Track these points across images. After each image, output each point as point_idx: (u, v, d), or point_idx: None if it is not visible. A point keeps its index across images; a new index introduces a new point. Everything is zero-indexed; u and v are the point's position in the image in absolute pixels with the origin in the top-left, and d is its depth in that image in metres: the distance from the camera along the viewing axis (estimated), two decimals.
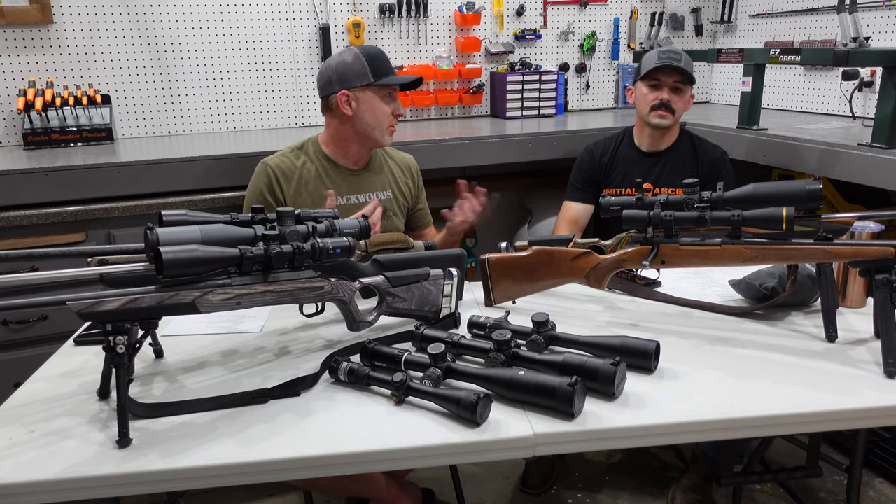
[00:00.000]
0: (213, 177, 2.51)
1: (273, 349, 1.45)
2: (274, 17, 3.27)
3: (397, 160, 2.23)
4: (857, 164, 2.35)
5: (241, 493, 2.38)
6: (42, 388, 1.31)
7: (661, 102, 2.37)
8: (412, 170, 2.26)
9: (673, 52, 2.37)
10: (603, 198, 1.54)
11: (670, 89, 2.37)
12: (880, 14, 3.01)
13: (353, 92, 1.99)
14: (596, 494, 2.36)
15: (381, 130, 2.04)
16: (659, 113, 2.38)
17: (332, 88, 2.00)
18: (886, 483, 2.38)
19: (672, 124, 2.41)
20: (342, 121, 2.03)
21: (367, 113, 2.01)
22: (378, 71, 1.99)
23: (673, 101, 2.37)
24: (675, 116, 2.39)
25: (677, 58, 2.35)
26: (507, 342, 1.26)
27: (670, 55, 2.36)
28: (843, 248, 1.33)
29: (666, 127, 2.41)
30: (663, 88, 2.38)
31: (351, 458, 1.09)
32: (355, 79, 1.98)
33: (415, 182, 2.25)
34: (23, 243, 2.31)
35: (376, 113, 2.01)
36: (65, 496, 1.04)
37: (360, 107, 2.00)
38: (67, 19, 2.96)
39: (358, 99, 2.00)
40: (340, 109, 2.00)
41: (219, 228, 1.21)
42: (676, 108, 2.38)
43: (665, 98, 2.37)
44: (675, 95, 2.37)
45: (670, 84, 2.37)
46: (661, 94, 2.38)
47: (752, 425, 1.18)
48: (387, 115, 2.03)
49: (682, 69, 2.34)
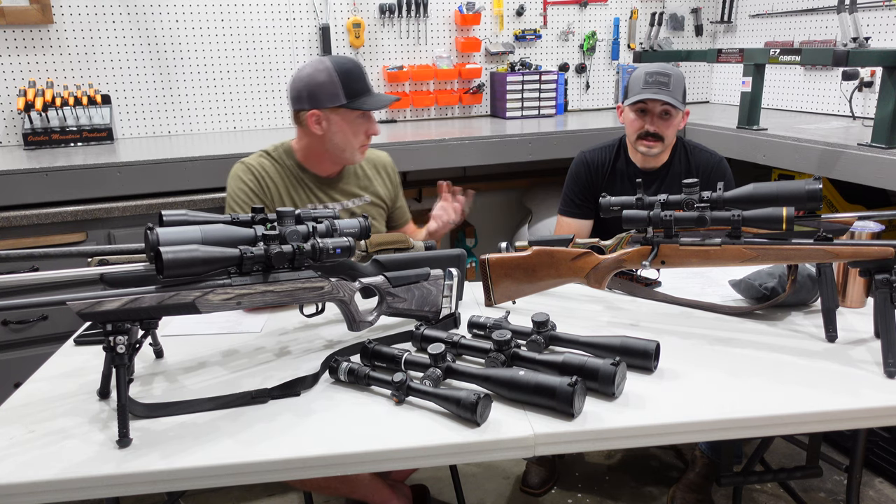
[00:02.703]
0: (213, 177, 2.50)
1: (273, 349, 1.45)
2: (274, 17, 3.27)
3: (369, 159, 2.11)
4: (857, 164, 2.35)
5: (241, 493, 2.38)
6: (42, 388, 1.31)
7: (647, 132, 2.17)
8: (387, 168, 2.15)
9: (661, 75, 2.14)
10: (603, 197, 1.54)
11: (657, 116, 2.16)
12: (880, 14, 3.01)
13: (324, 112, 1.86)
14: (596, 494, 2.36)
15: (352, 151, 1.93)
16: (646, 143, 2.18)
17: (302, 105, 1.88)
18: (886, 483, 2.38)
19: (661, 152, 2.22)
20: (312, 138, 1.92)
21: (338, 135, 1.89)
22: (352, 91, 1.85)
23: (660, 129, 2.16)
24: (665, 143, 2.19)
25: (665, 81, 2.13)
26: (507, 342, 1.26)
27: (658, 79, 2.14)
28: (843, 248, 1.33)
29: (654, 155, 2.22)
30: (650, 115, 2.16)
31: (351, 459, 1.09)
32: (326, 99, 1.85)
33: (391, 180, 2.16)
34: (23, 243, 2.31)
35: (347, 135, 1.90)
36: (65, 496, 1.05)
37: (331, 128, 1.88)
38: (67, 19, 2.97)
39: (329, 119, 1.87)
40: (310, 128, 1.89)
41: (219, 228, 1.21)
42: (665, 135, 2.17)
43: (651, 129, 2.16)
44: (662, 122, 2.16)
45: (657, 111, 2.15)
46: (646, 123, 2.16)
47: (752, 425, 1.18)
48: (359, 136, 1.92)
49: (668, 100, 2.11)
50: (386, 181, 2.15)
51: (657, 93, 2.12)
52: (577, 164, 2.39)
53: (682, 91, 2.18)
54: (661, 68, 2.18)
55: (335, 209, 2.00)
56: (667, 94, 2.13)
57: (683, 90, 2.19)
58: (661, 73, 2.16)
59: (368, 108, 1.89)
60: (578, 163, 2.38)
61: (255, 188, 1.93)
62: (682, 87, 2.18)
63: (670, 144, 2.24)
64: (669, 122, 2.17)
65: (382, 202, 2.13)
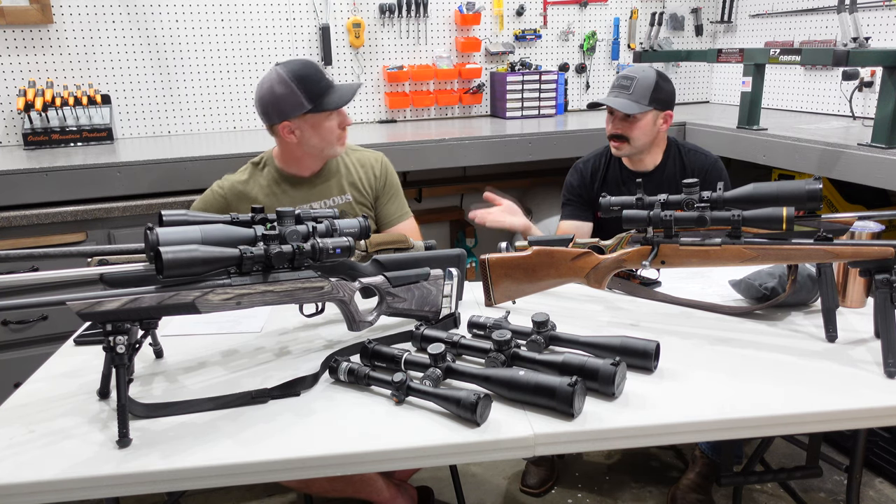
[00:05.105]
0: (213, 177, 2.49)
1: (273, 349, 1.45)
2: (274, 17, 3.27)
3: (355, 158, 2.13)
4: (857, 164, 2.35)
5: (241, 493, 2.38)
6: (42, 388, 1.31)
7: (612, 134, 2.25)
8: (375, 166, 2.13)
9: (625, 78, 2.22)
10: (603, 197, 1.54)
11: (619, 118, 2.22)
12: (880, 14, 3.01)
13: (294, 122, 1.90)
14: (596, 494, 2.36)
15: (331, 147, 1.97)
16: (613, 144, 2.26)
17: (272, 120, 1.92)
18: (886, 483, 2.38)
19: (632, 153, 2.26)
20: (289, 145, 1.96)
21: (313, 138, 1.93)
22: (313, 94, 1.88)
23: (624, 130, 2.21)
24: (633, 144, 2.23)
25: (626, 84, 2.20)
26: (507, 342, 1.26)
27: (620, 82, 2.23)
28: (843, 248, 1.33)
29: (625, 156, 2.29)
30: (614, 117, 2.23)
31: (351, 459, 1.09)
32: (291, 110, 1.88)
33: (377, 178, 2.13)
34: (23, 243, 2.31)
35: (321, 136, 1.93)
36: (65, 496, 1.05)
37: (304, 134, 1.92)
38: (67, 19, 2.97)
39: (300, 127, 1.91)
40: (285, 138, 1.94)
41: (219, 228, 1.21)
42: (631, 135, 2.21)
43: (616, 130, 2.23)
44: (625, 124, 2.21)
45: (619, 114, 2.21)
46: (609, 126, 2.25)
47: (752, 425, 1.18)
48: (333, 132, 1.95)
49: (613, 104, 2.18)
50: (370, 176, 2.12)
51: (616, 97, 2.22)
52: (571, 174, 2.44)
53: (648, 93, 2.18)
54: (629, 72, 2.25)
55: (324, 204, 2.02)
56: (625, 98, 2.20)
57: (651, 92, 2.19)
58: (625, 77, 2.24)
59: (335, 107, 1.91)
60: (572, 173, 2.44)
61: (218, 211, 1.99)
62: (647, 90, 2.19)
63: (643, 145, 2.25)
64: (633, 124, 2.21)
65: (366, 199, 2.12)
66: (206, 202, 2.05)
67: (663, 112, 2.24)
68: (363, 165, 2.12)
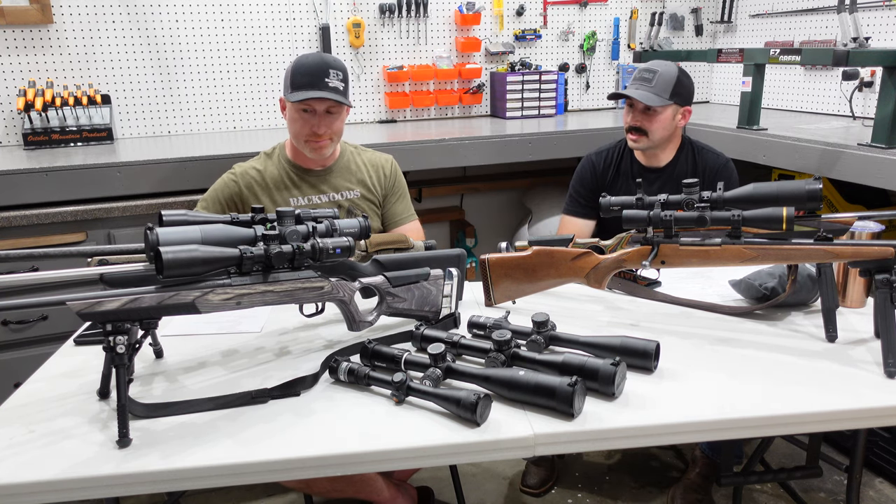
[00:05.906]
0: (213, 177, 2.49)
1: (273, 349, 1.45)
2: (274, 17, 3.27)
3: (366, 158, 2.17)
4: (857, 164, 2.35)
5: (241, 493, 2.38)
6: (42, 388, 1.31)
7: (630, 126, 2.24)
8: (384, 167, 2.18)
9: (647, 71, 2.22)
10: (603, 197, 1.54)
11: (640, 111, 2.22)
12: (880, 14, 3.01)
13: (283, 100, 2.01)
14: (596, 494, 2.36)
15: (301, 143, 2.01)
16: (631, 137, 2.26)
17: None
18: (886, 483, 2.38)
19: (649, 147, 2.26)
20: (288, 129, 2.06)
21: (289, 124, 2.01)
22: (294, 83, 1.93)
23: (643, 123, 2.21)
24: (651, 138, 2.23)
25: (648, 77, 2.20)
26: (507, 342, 1.26)
27: (642, 75, 2.22)
28: (843, 248, 1.33)
29: (641, 149, 2.29)
30: (634, 110, 2.23)
31: (351, 459, 1.09)
32: (284, 88, 1.99)
33: (387, 177, 2.17)
34: (23, 243, 2.31)
35: (294, 125, 1.99)
36: (65, 496, 1.04)
37: (288, 116, 2.01)
38: (67, 19, 2.96)
39: (285, 107, 2.01)
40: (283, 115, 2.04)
41: (219, 228, 1.21)
42: (650, 129, 2.21)
43: (634, 123, 2.23)
44: (645, 117, 2.21)
45: (640, 106, 2.21)
46: (629, 117, 2.24)
47: (752, 425, 1.18)
48: (304, 128, 1.97)
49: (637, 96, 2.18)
50: (381, 175, 2.17)
51: (637, 88, 2.21)
52: (583, 165, 2.44)
53: (670, 87, 2.20)
54: (651, 65, 2.25)
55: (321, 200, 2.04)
56: (646, 90, 2.19)
57: (673, 87, 2.20)
58: (647, 70, 2.23)
59: (293, 100, 1.94)
60: (584, 164, 2.43)
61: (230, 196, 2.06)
62: (668, 84, 2.20)
63: (660, 139, 2.26)
64: (653, 118, 2.21)
65: (375, 197, 2.15)
66: (217, 188, 2.09)
67: (683, 108, 2.26)
68: (374, 165, 2.17)
